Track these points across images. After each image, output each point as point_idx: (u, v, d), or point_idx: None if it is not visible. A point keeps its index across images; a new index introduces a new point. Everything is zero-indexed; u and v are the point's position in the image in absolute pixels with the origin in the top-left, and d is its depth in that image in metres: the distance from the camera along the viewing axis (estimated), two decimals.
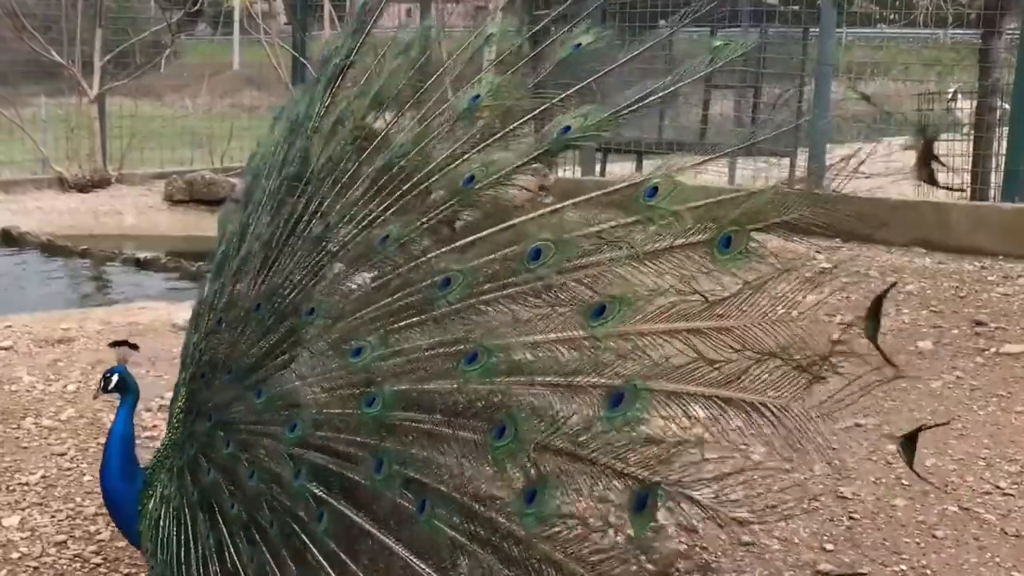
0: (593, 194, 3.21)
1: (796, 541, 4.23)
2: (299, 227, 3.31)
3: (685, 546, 4.14)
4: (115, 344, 3.60)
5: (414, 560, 2.92)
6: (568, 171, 11.14)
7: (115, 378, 3.50)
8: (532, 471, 2.86)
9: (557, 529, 2.90)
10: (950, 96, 11.92)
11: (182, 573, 3.16)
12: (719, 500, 2.96)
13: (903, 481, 4.74)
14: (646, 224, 3.06)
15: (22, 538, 4.13)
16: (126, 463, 3.41)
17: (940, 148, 10.48)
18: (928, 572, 4.03)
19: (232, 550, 3.08)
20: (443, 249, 3.18)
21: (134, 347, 3.61)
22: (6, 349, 6.32)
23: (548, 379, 2.94)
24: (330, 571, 2.96)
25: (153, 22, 17.61)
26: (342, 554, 2.97)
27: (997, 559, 4.12)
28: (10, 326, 6.78)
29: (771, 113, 11.59)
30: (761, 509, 4.44)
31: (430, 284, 3.12)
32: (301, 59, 14.08)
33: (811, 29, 11.51)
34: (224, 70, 25.10)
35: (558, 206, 3.19)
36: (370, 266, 3.26)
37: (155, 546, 3.23)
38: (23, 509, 4.33)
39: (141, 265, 10.08)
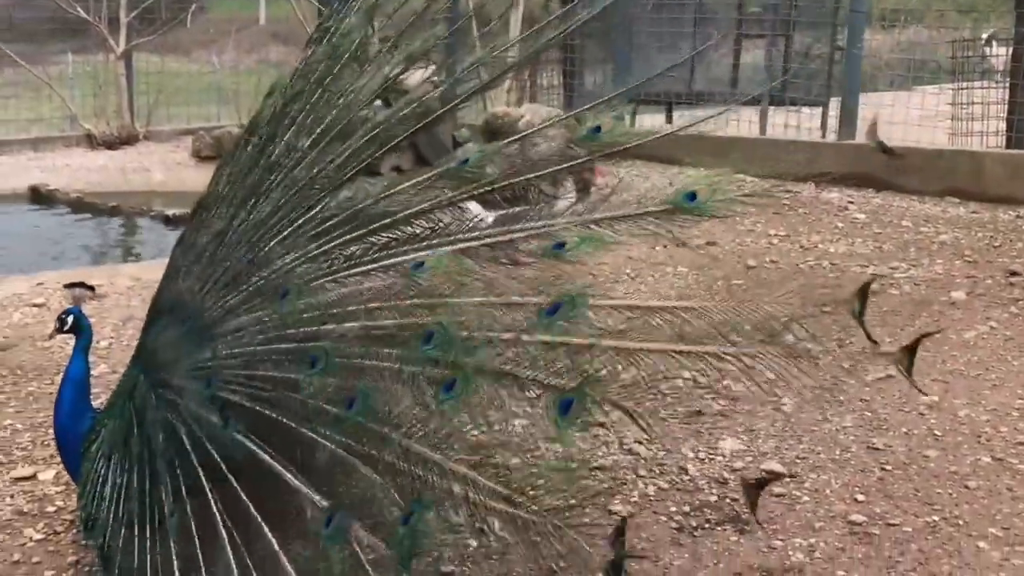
0: None
1: (827, 492, 4.21)
2: (255, 178, 3.46)
3: (715, 497, 4.14)
4: (70, 285, 3.63)
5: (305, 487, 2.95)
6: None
7: (70, 319, 3.59)
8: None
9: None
10: (984, 43, 11.70)
11: (105, 511, 3.21)
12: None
13: (935, 432, 4.71)
14: None
15: (57, 492, 4.17)
16: (78, 403, 3.48)
17: (975, 96, 10.32)
18: (961, 523, 4.00)
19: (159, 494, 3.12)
20: None
21: (90, 288, 3.65)
22: (38, 306, 6.36)
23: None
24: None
25: None
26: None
27: None
28: (42, 283, 6.81)
29: (803, 62, 11.42)
30: (791, 460, 4.44)
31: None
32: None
33: None
34: (250, 25, 25.01)
35: None
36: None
37: (83, 488, 3.32)
38: (59, 463, 4.37)
39: (170, 221, 10.11)
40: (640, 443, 4.51)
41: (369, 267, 3.33)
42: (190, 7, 16.86)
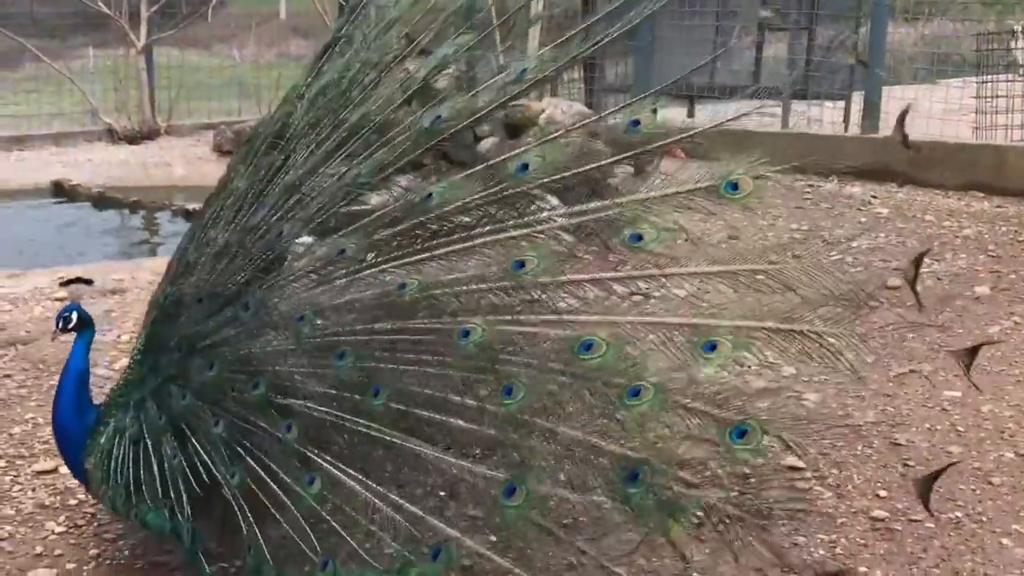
0: None
1: (849, 488, 4.18)
2: (276, 177, 3.55)
3: (736, 492, 4.11)
4: (67, 283, 3.61)
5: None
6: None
7: (74, 316, 3.53)
8: None
9: None
10: (1011, 36, 11.59)
11: (134, 497, 3.32)
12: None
13: (958, 428, 4.67)
14: None
15: (79, 485, 4.18)
16: (79, 398, 3.47)
17: (999, 89, 10.23)
18: (984, 519, 3.97)
19: (212, 467, 3.22)
20: None
21: (88, 282, 3.63)
22: (60, 300, 6.40)
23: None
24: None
25: None
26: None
27: None
28: (63, 276, 6.85)
29: (826, 56, 11.35)
30: (814, 456, 4.41)
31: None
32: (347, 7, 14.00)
33: None
34: (271, 19, 25.07)
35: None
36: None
37: (107, 474, 3.37)
38: None
39: (191, 216, 10.16)
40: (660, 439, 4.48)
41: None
42: (210, 1, 16.90)
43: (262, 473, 3.18)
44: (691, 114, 11.34)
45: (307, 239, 3.53)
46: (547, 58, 3.52)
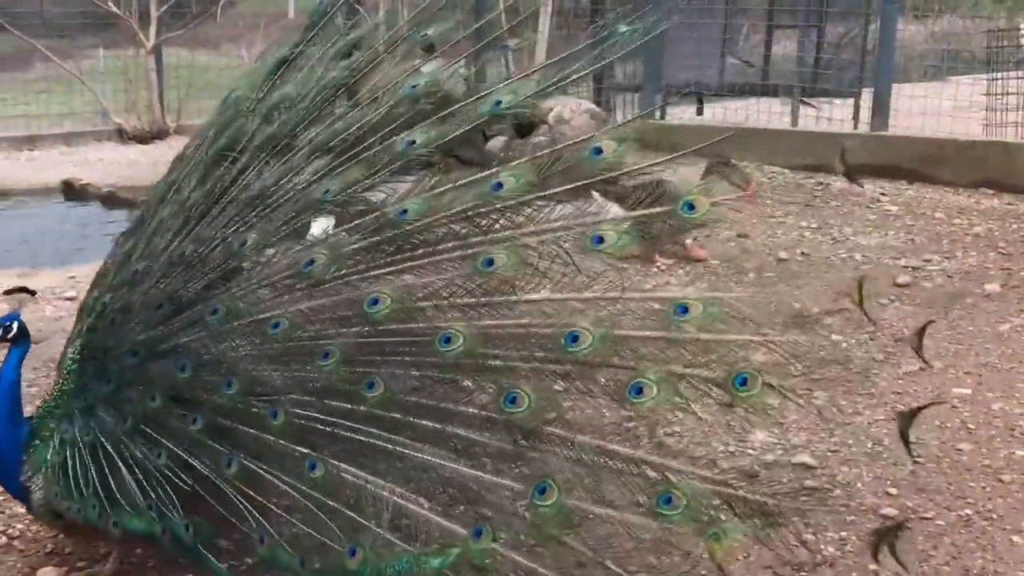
0: None
1: (859, 486, 4.17)
2: (232, 189, 3.52)
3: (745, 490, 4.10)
4: (9, 292, 3.54)
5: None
6: (628, 115, 10.98)
7: (15, 326, 3.42)
8: None
9: None
10: (1021, 33, 11.55)
11: (108, 505, 3.26)
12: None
13: (968, 425, 4.66)
14: None
15: None
16: (12, 411, 3.38)
17: (1009, 86, 10.20)
18: (994, 516, 3.96)
19: (202, 462, 3.20)
20: None
21: (32, 293, 3.59)
22: (71, 299, 6.42)
23: None
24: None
25: None
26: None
27: None
28: (73, 276, 6.87)
29: (835, 53, 11.32)
30: (823, 453, 4.41)
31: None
32: (356, 7, 14.02)
33: None
34: (279, 19, 25.09)
35: None
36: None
37: (68, 489, 3.30)
38: None
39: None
40: (670, 435, 4.49)
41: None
42: (219, 1, 16.92)
43: (256, 463, 3.16)
44: (700, 112, 11.32)
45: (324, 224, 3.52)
46: (522, 93, 3.46)
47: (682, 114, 11.29)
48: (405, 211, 3.31)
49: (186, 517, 3.22)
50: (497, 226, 3.30)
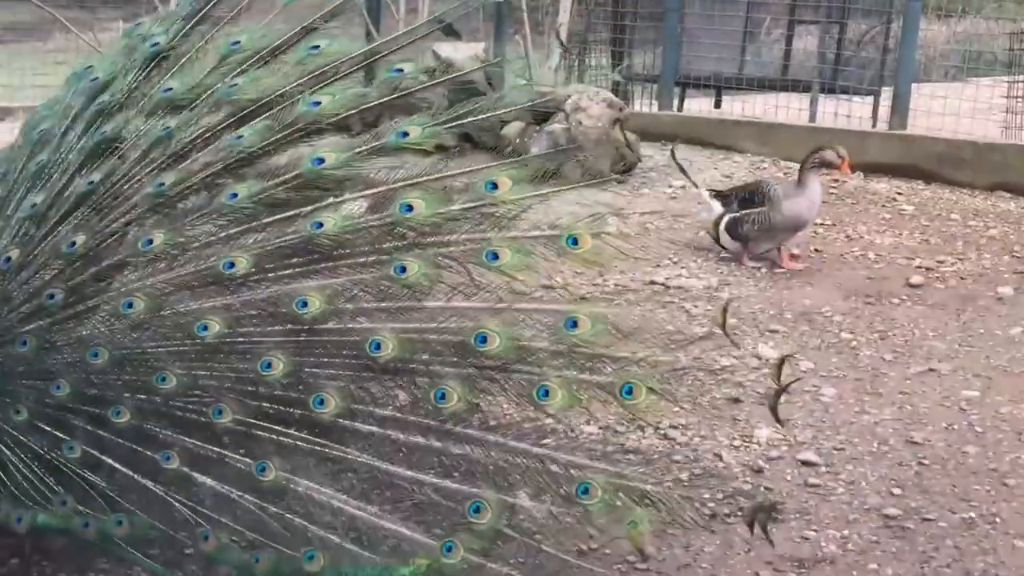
0: None
1: (863, 485, 4.17)
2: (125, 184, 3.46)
3: (749, 486, 4.11)
4: None
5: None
6: (645, 105, 10.95)
7: None
8: None
9: None
10: None
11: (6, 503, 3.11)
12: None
13: (976, 428, 4.65)
14: None
15: None
16: None
17: None
18: (998, 520, 3.95)
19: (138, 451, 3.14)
20: None
21: None
22: None
23: None
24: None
25: None
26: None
27: None
28: None
29: (856, 50, 11.25)
30: (828, 450, 4.41)
31: None
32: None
33: None
34: None
35: None
36: None
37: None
38: None
39: None
40: (676, 428, 4.49)
41: None
42: None
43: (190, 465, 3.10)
44: (718, 105, 11.28)
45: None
46: (428, 131, 3.45)
47: (700, 107, 11.25)
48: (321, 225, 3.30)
49: (111, 510, 3.08)
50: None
